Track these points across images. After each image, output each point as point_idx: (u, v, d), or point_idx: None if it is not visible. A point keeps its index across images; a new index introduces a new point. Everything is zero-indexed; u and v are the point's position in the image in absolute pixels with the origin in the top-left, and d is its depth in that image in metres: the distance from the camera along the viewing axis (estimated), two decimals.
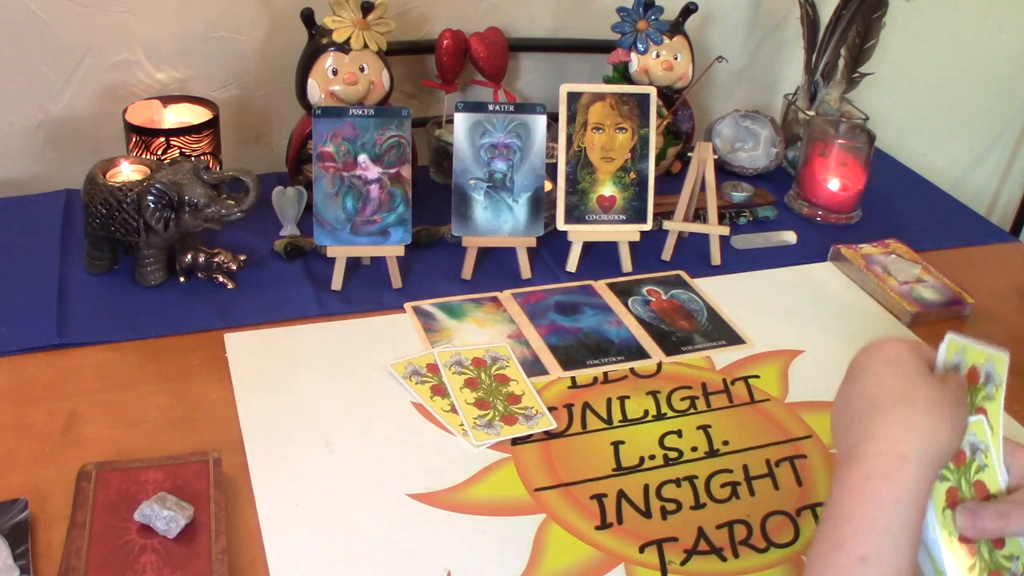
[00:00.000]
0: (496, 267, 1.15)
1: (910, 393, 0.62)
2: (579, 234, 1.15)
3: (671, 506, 0.83)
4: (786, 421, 0.95)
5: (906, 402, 0.62)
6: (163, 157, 1.14)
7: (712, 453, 0.90)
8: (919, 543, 0.60)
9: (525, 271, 1.14)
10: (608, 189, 1.15)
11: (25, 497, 0.77)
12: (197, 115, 1.21)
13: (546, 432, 0.90)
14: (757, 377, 1.00)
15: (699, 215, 1.23)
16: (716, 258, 1.19)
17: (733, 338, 1.06)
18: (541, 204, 1.13)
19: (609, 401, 0.95)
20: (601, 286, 1.13)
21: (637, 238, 1.16)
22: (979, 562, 0.66)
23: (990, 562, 0.66)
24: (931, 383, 0.63)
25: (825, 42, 1.42)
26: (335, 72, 1.16)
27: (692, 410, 0.95)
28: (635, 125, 1.15)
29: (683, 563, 0.78)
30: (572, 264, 1.15)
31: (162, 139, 1.14)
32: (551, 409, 0.93)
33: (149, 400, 0.90)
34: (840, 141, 1.31)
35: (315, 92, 1.17)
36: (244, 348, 0.98)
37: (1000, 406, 0.69)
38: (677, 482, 0.86)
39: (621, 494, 0.84)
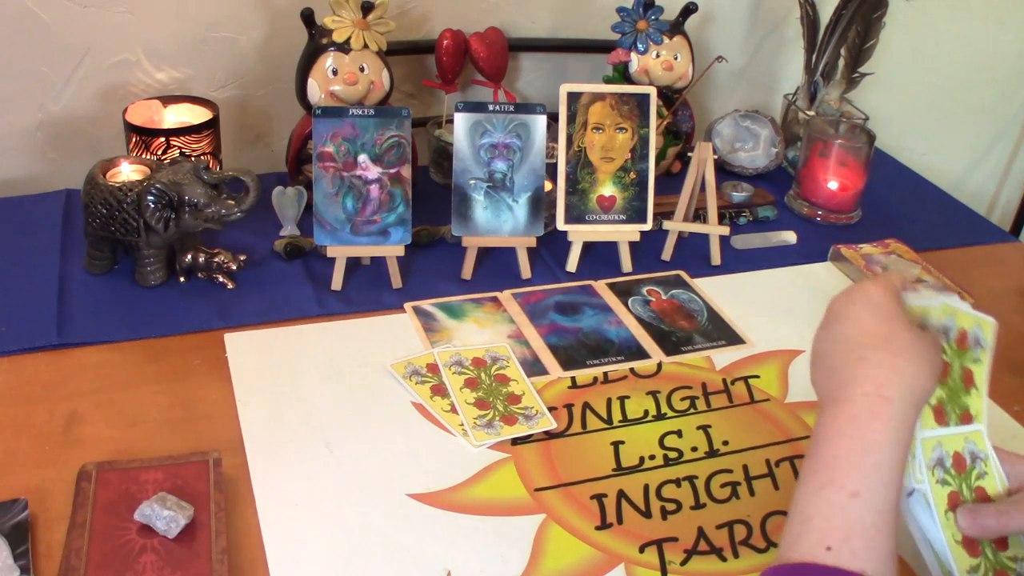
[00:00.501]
0: (496, 267, 1.15)
1: (892, 337, 0.64)
2: (579, 234, 1.15)
3: (671, 506, 0.83)
4: (786, 421, 0.95)
5: (888, 346, 0.64)
6: (163, 157, 1.15)
7: (712, 453, 0.90)
8: (903, 482, 0.62)
9: (525, 271, 1.14)
10: (608, 189, 1.15)
11: (25, 497, 0.77)
12: (197, 115, 1.21)
13: (546, 432, 0.90)
14: (757, 377, 1.00)
15: (699, 215, 1.23)
16: (716, 258, 1.19)
17: (733, 338, 1.06)
18: (541, 204, 1.13)
19: (609, 401, 0.95)
20: (601, 286, 1.13)
21: (637, 238, 1.16)
22: (984, 563, 0.66)
23: (995, 562, 0.67)
24: (910, 328, 0.66)
25: (825, 42, 1.42)
26: (335, 72, 1.16)
27: (692, 410, 0.95)
28: (635, 125, 1.15)
29: (683, 563, 0.78)
30: (572, 264, 1.15)
31: (162, 139, 1.14)
32: (551, 409, 0.93)
33: (149, 400, 0.90)
34: (840, 141, 1.31)
35: (315, 92, 1.17)
36: (244, 348, 0.98)
37: (986, 369, 0.71)
38: (677, 482, 0.86)
39: (621, 494, 0.84)
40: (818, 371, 0.68)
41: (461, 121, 1.10)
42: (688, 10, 1.35)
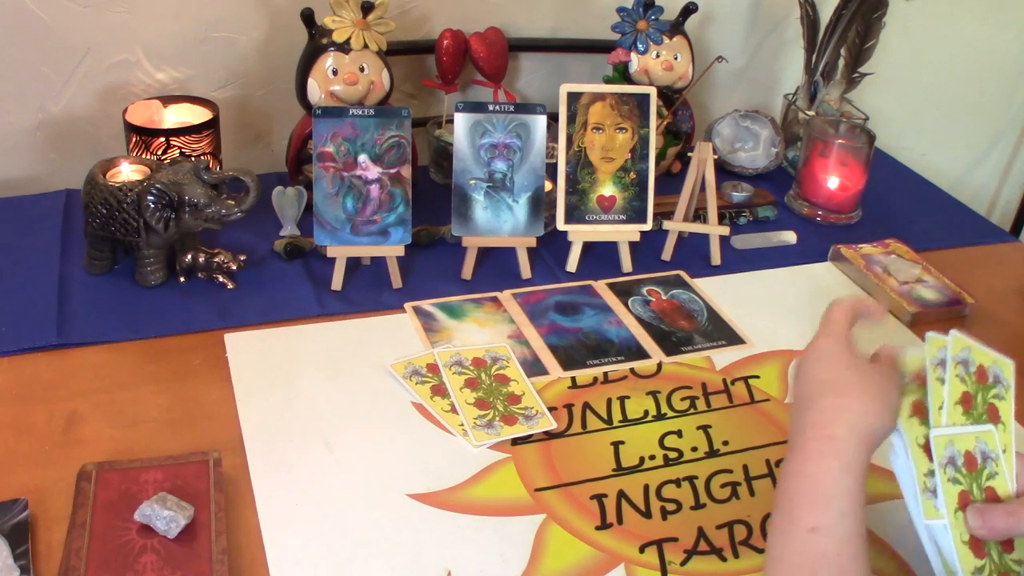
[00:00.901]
0: (496, 267, 1.15)
1: (835, 381, 0.70)
2: (579, 234, 1.15)
3: (671, 506, 0.83)
4: (786, 421, 0.95)
5: (833, 390, 0.69)
6: (163, 157, 1.14)
7: (712, 453, 0.90)
8: (863, 509, 0.65)
9: (525, 271, 1.14)
10: (608, 189, 1.15)
11: (25, 497, 0.77)
12: (197, 115, 1.21)
13: (546, 432, 0.90)
14: (757, 377, 1.00)
15: (699, 215, 1.23)
16: (716, 258, 1.19)
17: (733, 338, 1.06)
18: (541, 204, 1.13)
19: (609, 401, 0.95)
20: (601, 286, 1.13)
21: (637, 238, 1.16)
22: (988, 564, 0.66)
23: (1000, 564, 0.67)
24: (858, 369, 0.71)
25: (825, 42, 1.42)
26: (335, 72, 1.16)
27: (692, 410, 0.95)
28: (635, 125, 1.15)
29: (683, 563, 0.78)
30: (572, 264, 1.15)
31: (162, 139, 1.14)
32: (551, 409, 0.93)
33: (149, 400, 0.90)
34: (840, 141, 1.31)
35: (315, 92, 1.17)
36: (244, 348, 0.98)
37: (1011, 407, 0.73)
38: (677, 482, 0.86)
39: (621, 494, 0.84)
40: (790, 424, 0.73)
41: (461, 121, 1.10)
42: (688, 10, 1.35)
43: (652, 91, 1.15)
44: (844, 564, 0.62)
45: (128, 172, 1.08)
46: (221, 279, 1.07)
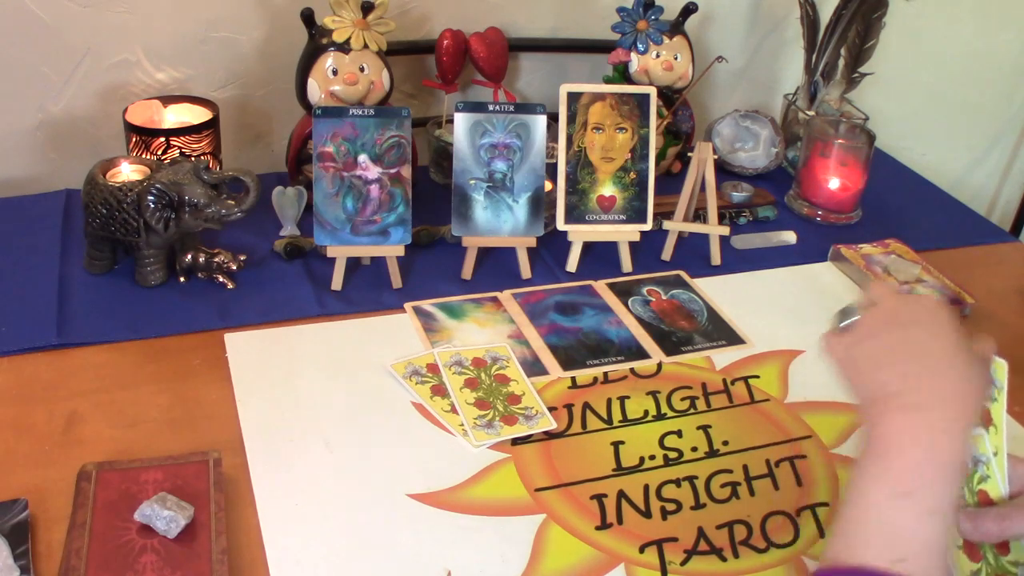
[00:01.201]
0: (496, 267, 1.15)
1: (956, 353, 0.63)
2: (579, 234, 1.15)
3: (671, 506, 0.83)
4: (786, 421, 0.95)
5: (955, 363, 0.63)
6: (163, 157, 1.14)
7: (712, 453, 0.90)
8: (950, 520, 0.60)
9: (525, 271, 1.14)
10: (608, 189, 1.15)
11: (25, 497, 0.77)
12: (197, 115, 1.21)
13: (546, 432, 0.90)
14: (757, 377, 1.00)
15: (699, 215, 1.23)
16: (716, 258, 1.19)
17: (733, 338, 1.06)
18: (541, 204, 1.13)
19: (609, 401, 0.95)
20: (601, 286, 1.13)
21: (637, 238, 1.16)
22: (984, 567, 0.66)
23: (996, 567, 0.67)
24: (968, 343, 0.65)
25: (825, 42, 1.42)
26: (335, 72, 1.16)
27: (692, 410, 0.95)
28: (635, 125, 1.15)
29: (683, 563, 0.78)
30: (572, 264, 1.15)
31: (162, 139, 1.14)
32: (551, 409, 0.93)
33: (149, 400, 0.90)
34: (840, 141, 1.31)
35: (315, 92, 1.17)
36: (244, 348, 0.98)
37: (1003, 408, 0.71)
38: (677, 482, 0.86)
39: (621, 494, 0.84)
40: (862, 373, 0.65)
41: (461, 121, 1.10)
42: (688, 10, 1.35)
43: (652, 91, 1.15)
44: (942, 556, 0.57)
45: (128, 172, 1.08)
46: (221, 279, 1.07)
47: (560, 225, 1.14)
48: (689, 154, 1.18)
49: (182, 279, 1.08)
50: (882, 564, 0.55)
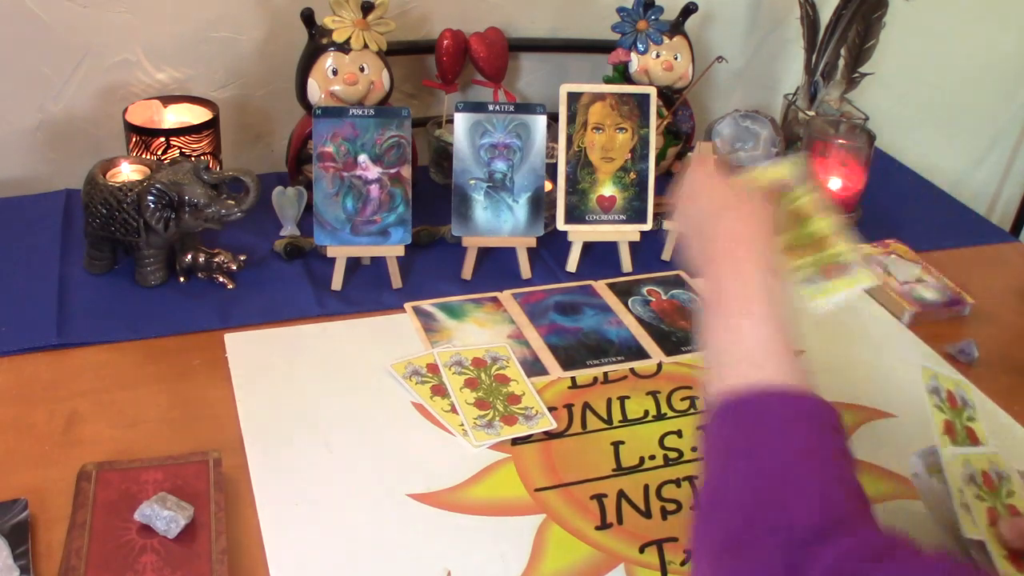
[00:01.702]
0: (496, 267, 1.15)
1: (726, 197, 0.77)
2: (579, 234, 1.15)
3: (671, 506, 0.83)
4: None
5: (729, 204, 0.76)
6: (163, 157, 1.14)
7: None
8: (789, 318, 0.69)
9: (525, 271, 1.14)
10: (608, 189, 1.15)
11: (25, 497, 0.77)
12: (197, 115, 1.21)
13: (546, 432, 0.90)
14: None
15: None
16: None
17: None
18: (541, 204, 1.13)
19: (609, 401, 0.95)
20: (601, 286, 1.13)
21: (637, 238, 1.16)
22: None
23: None
24: (741, 191, 0.78)
25: (825, 42, 1.42)
26: (335, 72, 1.16)
27: (692, 410, 0.95)
28: (635, 125, 1.15)
29: (683, 563, 0.78)
30: (572, 264, 1.15)
31: (162, 139, 1.14)
32: (551, 409, 0.93)
33: (149, 400, 0.90)
34: (840, 141, 1.31)
35: (315, 92, 1.17)
36: (244, 348, 0.98)
37: (983, 425, 0.79)
38: (677, 482, 0.86)
39: (621, 494, 0.84)
40: (690, 242, 0.77)
41: (461, 121, 1.10)
42: (688, 10, 1.35)
43: (652, 91, 1.15)
44: (786, 352, 0.66)
45: (128, 172, 1.08)
46: (221, 279, 1.07)
47: (560, 225, 1.14)
48: (689, 154, 1.18)
49: (182, 279, 1.08)
50: (750, 377, 0.63)
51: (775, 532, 0.52)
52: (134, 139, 1.15)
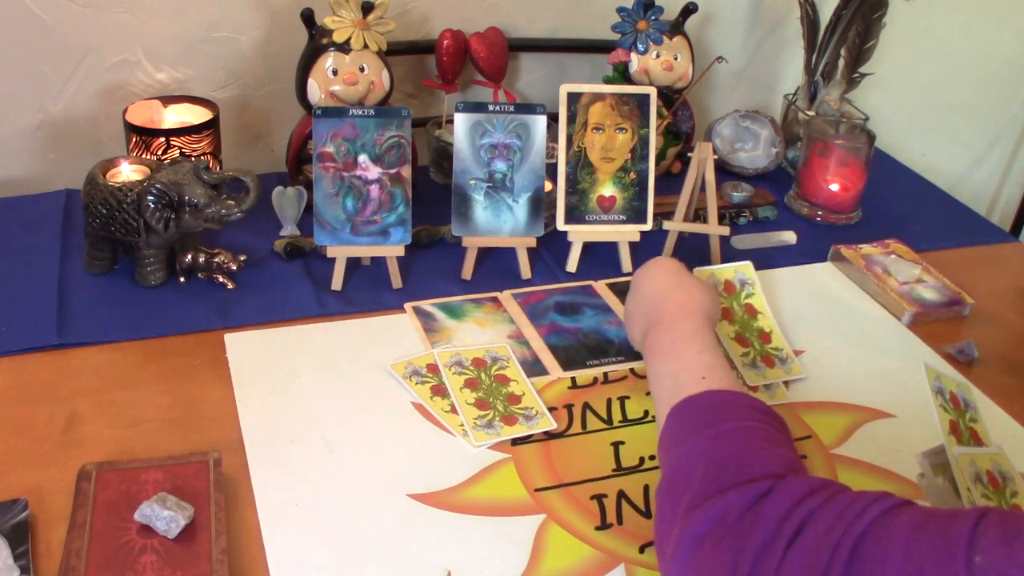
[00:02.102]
0: (496, 267, 1.15)
1: (680, 282, 0.92)
2: (579, 234, 1.15)
3: None
4: (785, 421, 0.94)
5: (679, 287, 0.91)
6: (163, 157, 1.15)
7: None
8: (726, 359, 0.83)
9: (525, 271, 1.14)
10: (608, 189, 1.15)
11: (25, 497, 0.77)
12: (197, 115, 1.21)
13: (546, 432, 0.90)
14: None
15: (699, 215, 1.23)
16: (716, 258, 1.19)
17: None
18: (541, 204, 1.13)
19: (609, 401, 0.95)
20: (601, 286, 1.13)
21: (637, 238, 1.16)
22: None
23: None
24: (693, 278, 0.94)
25: (825, 42, 1.42)
26: (335, 72, 1.16)
27: None
28: (635, 125, 1.15)
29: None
30: (572, 264, 1.15)
31: (162, 139, 1.14)
32: (551, 409, 0.93)
33: (149, 400, 0.90)
34: (840, 141, 1.31)
35: (315, 92, 1.17)
36: (244, 348, 0.98)
37: (985, 426, 0.80)
38: None
39: (621, 494, 0.84)
40: (634, 324, 0.93)
41: (461, 121, 1.10)
42: (688, 10, 1.35)
43: (652, 91, 1.15)
44: (729, 374, 0.79)
45: (128, 172, 1.08)
46: (221, 279, 1.07)
47: (560, 225, 1.14)
48: (689, 154, 1.18)
49: (182, 279, 1.08)
50: (698, 388, 0.76)
51: (737, 484, 0.63)
52: (134, 139, 1.15)
